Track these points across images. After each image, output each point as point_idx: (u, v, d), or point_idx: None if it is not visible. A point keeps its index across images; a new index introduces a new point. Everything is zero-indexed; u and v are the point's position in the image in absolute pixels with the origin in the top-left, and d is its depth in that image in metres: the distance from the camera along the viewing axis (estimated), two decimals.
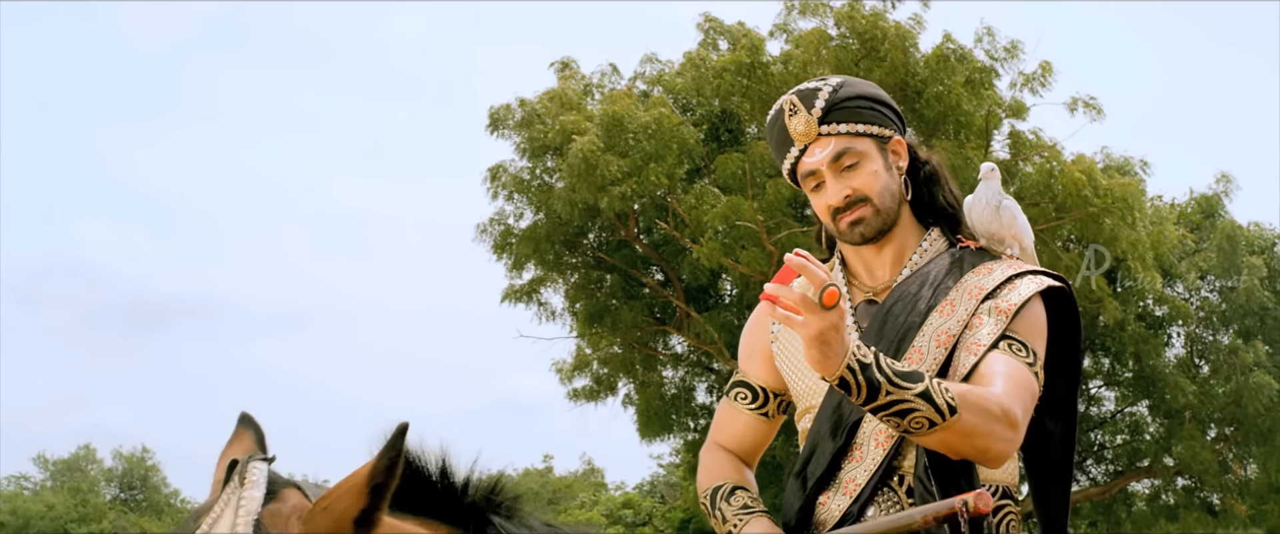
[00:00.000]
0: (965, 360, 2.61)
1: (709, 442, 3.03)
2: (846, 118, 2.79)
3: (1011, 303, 2.67)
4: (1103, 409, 24.42)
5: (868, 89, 2.85)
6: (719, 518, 2.85)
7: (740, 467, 2.96)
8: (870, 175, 2.79)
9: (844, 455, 2.71)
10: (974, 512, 2.31)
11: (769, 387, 2.97)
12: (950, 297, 2.72)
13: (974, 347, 2.62)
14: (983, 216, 2.90)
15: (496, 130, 20.48)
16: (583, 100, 20.29)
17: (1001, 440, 2.49)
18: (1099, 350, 22.97)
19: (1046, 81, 19.39)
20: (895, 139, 2.85)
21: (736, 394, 3.00)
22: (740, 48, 19.50)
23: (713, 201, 19.06)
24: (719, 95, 19.74)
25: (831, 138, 2.78)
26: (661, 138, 18.97)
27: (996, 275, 2.73)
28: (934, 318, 2.70)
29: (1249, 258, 21.97)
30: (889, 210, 2.81)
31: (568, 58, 21.21)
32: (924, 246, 2.85)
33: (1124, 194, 18.74)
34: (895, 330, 2.71)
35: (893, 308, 2.75)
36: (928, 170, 2.89)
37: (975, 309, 2.68)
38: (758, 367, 2.98)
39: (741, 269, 19.11)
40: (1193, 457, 21.38)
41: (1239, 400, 21.14)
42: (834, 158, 2.77)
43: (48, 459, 46.77)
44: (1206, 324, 22.81)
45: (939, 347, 2.66)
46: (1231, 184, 22.88)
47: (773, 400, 2.98)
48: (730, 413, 3.00)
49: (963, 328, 2.67)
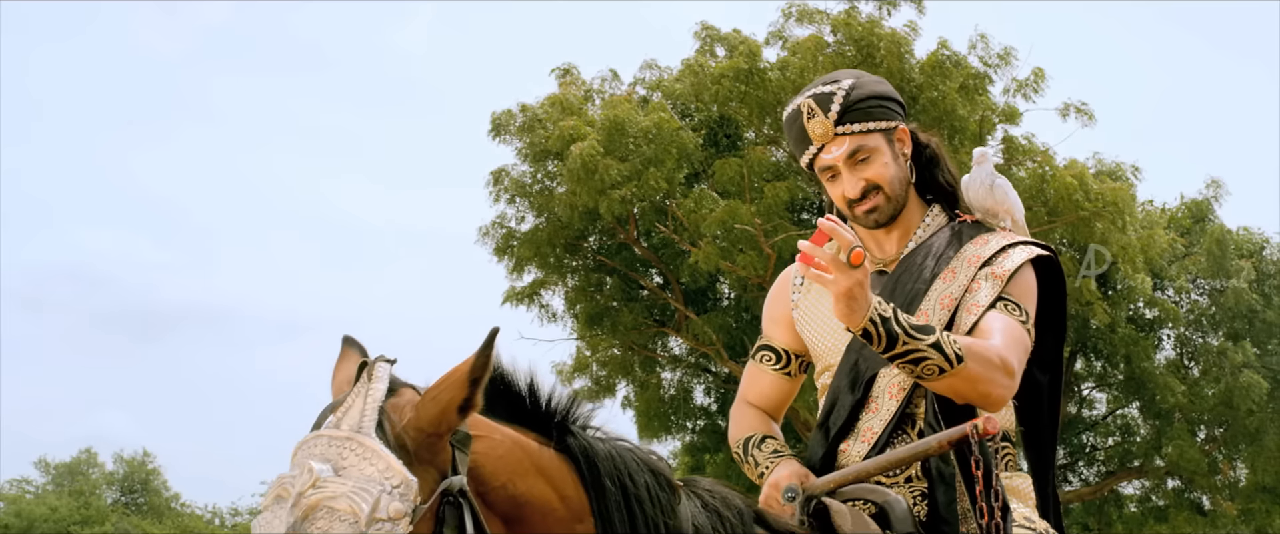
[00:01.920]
0: (966, 320, 2.98)
1: (738, 400, 3.41)
2: (859, 118, 3.15)
3: (1006, 268, 3.05)
4: (1094, 411, 24.78)
5: (876, 88, 3.21)
6: (752, 463, 3.21)
7: (768, 420, 3.35)
8: (882, 167, 3.16)
9: (862, 407, 3.08)
10: (983, 433, 2.72)
11: (791, 349, 3.34)
12: (952, 265, 3.10)
13: (973, 308, 3.00)
14: (978, 194, 3.28)
15: (498, 135, 20.81)
16: (583, 106, 20.60)
17: (1000, 386, 2.87)
18: (1091, 353, 23.32)
19: (1039, 87, 19.73)
20: (900, 129, 3.22)
21: (762, 356, 3.37)
22: (738, 55, 19.79)
23: (711, 205, 19.38)
24: (717, 101, 20.03)
25: (846, 137, 3.15)
26: (661, 142, 19.30)
27: (992, 245, 3.11)
28: (938, 284, 3.08)
29: (1238, 261, 22.32)
30: (899, 196, 3.19)
31: (569, 64, 21.53)
32: (927, 222, 3.23)
33: (1115, 198, 19.08)
34: (904, 296, 3.08)
35: (901, 277, 3.13)
36: (929, 153, 3.27)
37: (974, 275, 3.05)
38: (780, 331, 3.36)
39: (739, 272, 19.43)
40: (1182, 457, 21.71)
41: (1229, 401, 21.49)
42: (849, 154, 3.14)
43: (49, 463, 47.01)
44: (1196, 327, 23.18)
45: (943, 309, 3.04)
46: (1221, 189, 23.23)
47: (794, 361, 3.35)
48: (756, 373, 3.39)
49: (963, 292, 3.04)
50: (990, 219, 3.27)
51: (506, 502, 2.23)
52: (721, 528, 2.52)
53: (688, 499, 2.52)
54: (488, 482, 2.21)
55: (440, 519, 2.10)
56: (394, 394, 2.19)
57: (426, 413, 2.15)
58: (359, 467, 2.07)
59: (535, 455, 2.32)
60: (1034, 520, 3.07)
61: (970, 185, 3.31)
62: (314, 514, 2.03)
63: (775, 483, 3.05)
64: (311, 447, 2.13)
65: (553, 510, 2.28)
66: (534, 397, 2.38)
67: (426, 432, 2.14)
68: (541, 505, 2.27)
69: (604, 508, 2.33)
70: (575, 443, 2.37)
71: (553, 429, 2.38)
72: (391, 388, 2.19)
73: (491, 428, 2.28)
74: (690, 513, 2.49)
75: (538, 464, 2.31)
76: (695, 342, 21.45)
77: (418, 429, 2.14)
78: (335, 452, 2.10)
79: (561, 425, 2.38)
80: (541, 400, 2.38)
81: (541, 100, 20.65)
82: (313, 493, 2.04)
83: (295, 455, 2.15)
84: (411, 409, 2.17)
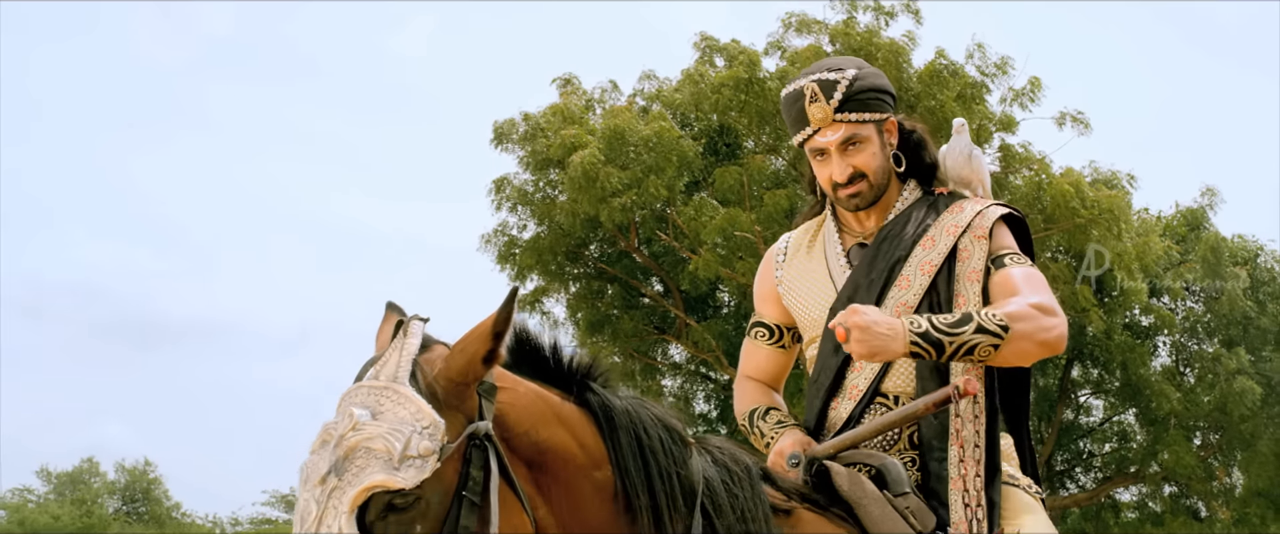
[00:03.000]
0: (971, 288, 3.20)
1: (739, 376, 3.63)
2: (857, 108, 3.35)
3: (985, 227, 3.28)
4: (1091, 418, 24.98)
5: (875, 81, 3.41)
6: (758, 434, 3.42)
7: (769, 392, 3.57)
8: (870, 156, 3.37)
9: (846, 367, 3.28)
10: (964, 392, 2.93)
11: (781, 323, 3.56)
12: (931, 233, 3.31)
13: (973, 275, 3.22)
14: (957, 163, 3.52)
15: (500, 144, 21.02)
16: (585, 115, 20.82)
17: (1052, 329, 3.09)
18: (1087, 360, 23.52)
19: (1035, 96, 19.97)
20: (889, 121, 3.43)
21: (756, 333, 3.60)
22: (737, 64, 20.01)
23: (711, 213, 19.59)
24: (717, 110, 20.24)
25: (843, 124, 3.34)
26: (661, 150, 19.51)
27: (968, 212, 3.33)
28: (918, 251, 3.29)
29: (1232, 268, 22.54)
30: (881, 184, 3.40)
31: (569, 74, 21.75)
32: (904, 196, 3.44)
33: (1110, 206, 19.32)
34: (885, 263, 3.29)
35: (882, 246, 3.34)
36: (915, 138, 3.48)
37: (954, 243, 3.26)
38: (770, 307, 3.57)
39: (739, 279, 19.62)
40: (1178, 463, 21.91)
41: (1224, 408, 21.70)
42: (843, 141, 3.35)
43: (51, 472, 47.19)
44: (1191, 333, 23.39)
45: (923, 274, 3.25)
46: (1216, 197, 23.45)
47: (786, 334, 3.56)
48: (753, 349, 3.60)
49: (944, 258, 3.25)
50: (963, 187, 3.50)
51: (530, 447, 2.43)
52: (730, 481, 2.70)
53: (699, 455, 2.71)
54: (512, 429, 2.41)
55: (467, 460, 2.30)
56: (426, 349, 2.40)
57: (454, 364, 2.37)
58: (394, 411, 2.29)
59: (556, 407, 2.52)
60: (1017, 476, 3.29)
61: (949, 153, 3.53)
62: (353, 454, 2.25)
63: (780, 451, 3.25)
64: (353, 396, 2.35)
65: (573, 457, 2.48)
66: (556, 356, 2.60)
67: (454, 381, 2.35)
68: (562, 452, 2.47)
69: (620, 457, 2.53)
70: (594, 398, 2.58)
71: (573, 385, 2.59)
72: (424, 344, 2.41)
73: (516, 382, 2.49)
74: (701, 466, 2.68)
75: (559, 415, 2.51)
76: (695, 349, 21.64)
77: (447, 378, 2.35)
78: (373, 399, 2.31)
79: (581, 382, 2.59)
80: (563, 360, 2.60)
81: (543, 109, 20.87)
82: (352, 435, 2.26)
83: (340, 405, 2.35)
84: (441, 361, 2.38)
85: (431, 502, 2.26)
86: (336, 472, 2.24)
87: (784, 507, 2.84)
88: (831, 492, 3.03)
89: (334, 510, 2.22)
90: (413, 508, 2.25)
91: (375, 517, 2.23)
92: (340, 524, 2.21)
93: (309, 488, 2.27)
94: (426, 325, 2.43)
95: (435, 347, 2.43)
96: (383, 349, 2.43)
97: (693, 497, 2.61)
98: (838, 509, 2.98)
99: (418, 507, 2.25)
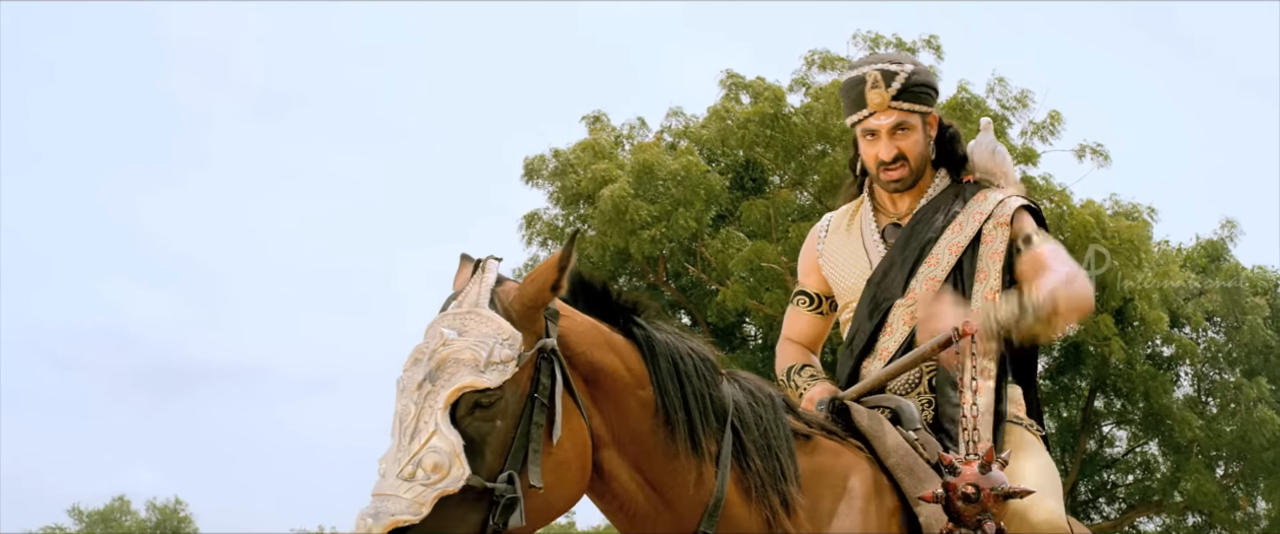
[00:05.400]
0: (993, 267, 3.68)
1: (781, 339, 4.11)
2: (910, 99, 3.82)
3: (1006, 215, 3.75)
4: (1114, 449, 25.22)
5: (928, 78, 3.88)
6: (793, 387, 3.88)
7: (806, 352, 4.04)
8: (914, 143, 3.83)
9: (879, 330, 3.75)
10: (963, 333, 3.34)
11: (821, 292, 4.04)
12: (959, 218, 3.78)
13: (995, 255, 3.70)
14: (982, 156, 4.00)
15: (531, 180, 21.49)
16: (614, 150, 21.27)
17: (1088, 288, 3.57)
18: (1110, 392, 23.80)
19: (1055, 129, 20.35)
20: (932, 116, 3.90)
21: (798, 300, 4.09)
22: (763, 100, 20.44)
23: (738, 246, 20.01)
24: (743, 145, 20.65)
25: (896, 112, 3.80)
26: (689, 184, 19.92)
27: (991, 200, 3.80)
28: (947, 234, 3.76)
29: (1253, 299, 22.84)
30: (919, 170, 3.87)
31: (598, 111, 22.21)
32: (935, 183, 3.90)
33: (1130, 236, 19.65)
34: (918, 243, 3.76)
35: (915, 227, 3.81)
36: (950, 133, 3.96)
37: (980, 226, 3.73)
38: (811, 278, 4.06)
39: (766, 310, 19.98)
40: (1200, 492, 22.15)
41: (1245, 436, 21.96)
42: (893, 126, 3.81)
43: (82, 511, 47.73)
44: (1213, 363, 23.67)
45: (950, 254, 3.72)
46: (1236, 229, 23.79)
47: (825, 302, 4.05)
48: (794, 315, 4.10)
49: (970, 241, 3.72)
50: (989, 178, 3.96)
51: (586, 366, 2.88)
52: (756, 404, 3.15)
53: (729, 383, 3.15)
54: (572, 348, 2.86)
55: (537, 369, 2.77)
56: (500, 283, 2.86)
57: (527, 290, 2.83)
58: (478, 328, 2.75)
59: (607, 335, 2.98)
60: (1021, 417, 3.74)
61: (976, 148, 4.02)
62: (445, 364, 2.71)
63: (811, 398, 3.71)
64: (441, 320, 2.81)
65: (621, 378, 2.94)
66: (608, 295, 3.05)
67: (527, 305, 2.81)
68: (612, 372, 2.93)
69: (660, 379, 2.98)
70: (638, 330, 3.03)
71: (621, 319, 3.04)
72: (499, 278, 2.87)
73: (574, 312, 2.95)
74: (731, 392, 3.13)
75: (609, 342, 2.97)
76: None
77: (520, 303, 2.81)
78: (459, 322, 2.78)
79: (628, 317, 3.05)
80: (613, 298, 3.05)
81: (573, 145, 21.32)
82: (443, 350, 2.72)
83: (427, 332, 2.80)
84: (515, 289, 2.85)
85: (509, 401, 2.72)
86: (431, 379, 2.69)
87: (804, 432, 3.27)
88: (851, 427, 3.46)
89: (430, 409, 2.67)
90: (494, 406, 2.70)
91: (464, 413, 2.69)
92: (436, 420, 2.66)
93: (406, 395, 2.72)
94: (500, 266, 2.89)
95: (507, 282, 2.88)
96: (460, 287, 2.89)
97: (724, 415, 3.06)
98: (855, 441, 3.40)
99: (498, 405, 2.70)
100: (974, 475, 3.14)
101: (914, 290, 3.71)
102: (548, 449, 2.74)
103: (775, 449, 3.11)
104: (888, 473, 3.34)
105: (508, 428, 2.71)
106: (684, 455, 2.97)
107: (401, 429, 2.69)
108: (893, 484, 3.33)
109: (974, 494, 3.12)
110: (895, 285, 3.74)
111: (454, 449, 2.64)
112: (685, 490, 2.98)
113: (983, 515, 3.12)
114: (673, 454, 2.96)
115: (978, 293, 3.68)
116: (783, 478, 3.09)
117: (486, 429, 2.69)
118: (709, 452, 3.01)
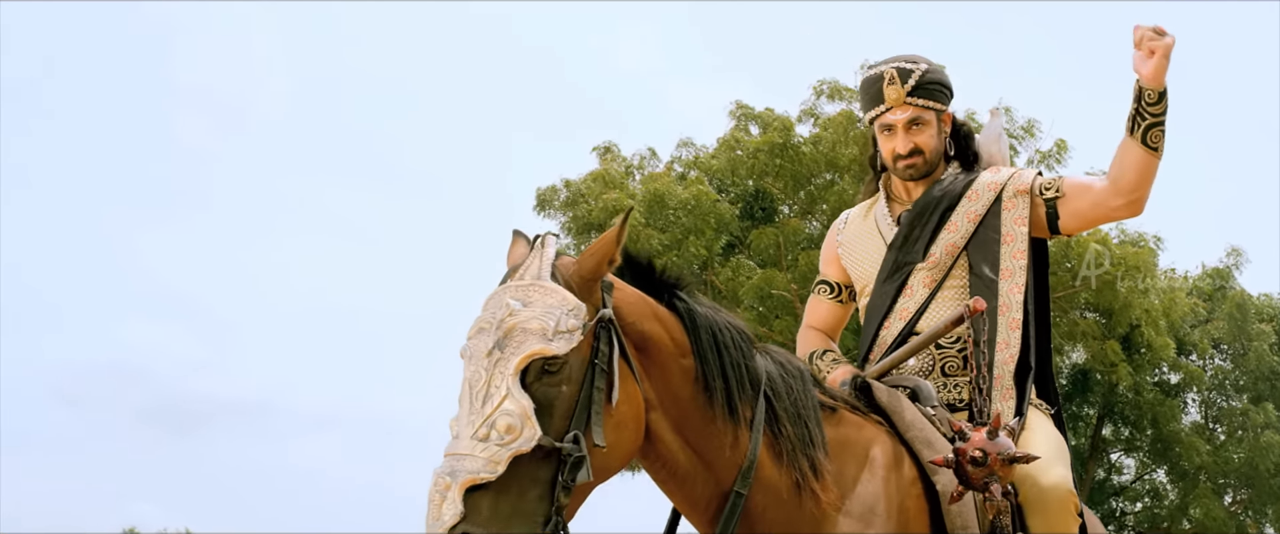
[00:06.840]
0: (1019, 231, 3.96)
1: (802, 327, 4.39)
2: (925, 95, 4.11)
3: (1025, 183, 4.04)
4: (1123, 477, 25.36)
5: (942, 77, 4.16)
6: (816, 370, 4.12)
7: (827, 339, 4.34)
8: (929, 137, 4.11)
9: (899, 293, 4.03)
10: (973, 311, 3.66)
11: (841, 282, 4.34)
12: (975, 188, 4.06)
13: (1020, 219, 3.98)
14: (989, 139, 4.33)
15: (543, 210, 21.73)
16: (625, 180, 21.52)
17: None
18: (1118, 420, 23.98)
19: (1062, 158, 20.56)
20: (946, 113, 4.17)
21: (820, 289, 4.38)
22: (772, 130, 20.69)
23: (748, 274, 20.25)
24: (753, 175, 20.90)
25: (912, 107, 4.09)
26: (700, 213, 20.15)
27: (1003, 174, 4.10)
28: (964, 202, 4.04)
29: (1259, 325, 23.05)
30: (934, 163, 4.14)
31: (609, 142, 22.45)
32: (948, 171, 4.17)
33: (1137, 263, 19.86)
34: (936, 206, 4.03)
35: (933, 193, 4.08)
36: (964, 131, 4.24)
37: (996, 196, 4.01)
38: (831, 268, 4.35)
39: (776, 338, 20.19)
40: (1208, 517, 22.29)
41: (1252, 462, 22.13)
42: (909, 121, 4.09)
43: None
44: (1220, 390, 23.86)
45: (969, 221, 4.01)
46: (1242, 257, 24.04)
47: (845, 291, 4.34)
48: (815, 303, 4.39)
49: (986, 208, 3.99)
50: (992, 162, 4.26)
51: (637, 335, 3.16)
52: (786, 375, 3.43)
53: (762, 356, 3.43)
54: (624, 318, 3.14)
55: (597, 337, 3.04)
56: (558, 257, 3.13)
57: (586, 264, 3.11)
58: (543, 299, 3.01)
59: (654, 308, 3.26)
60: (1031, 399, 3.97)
61: (984, 134, 4.34)
62: (513, 333, 2.97)
63: (834, 380, 3.97)
64: (504, 292, 3.07)
65: (666, 347, 3.22)
66: (652, 270, 3.34)
67: (585, 277, 3.09)
68: (658, 341, 3.21)
69: (701, 348, 3.27)
70: (681, 304, 3.32)
71: (665, 293, 3.32)
72: (558, 252, 3.13)
73: (624, 286, 3.23)
74: (764, 363, 3.41)
75: (656, 314, 3.25)
76: None
77: (580, 275, 3.09)
78: (522, 293, 3.04)
79: (671, 291, 3.34)
80: (657, 273, 3.34)
81: (584, 176, 21.56)
82: (510, 319, 2.98)
83: (488, 303, 3.06)
84: (574, 263, 3.12)
85: (573, 368, 2.99)
86: (500, 347, 2.96)
87: (830, 405, 3.55)
88: (872, 403, 3.73)
89: (500, 374, 2.94)
90: (560, 372, 2.97)
91: (533, 378, 2.95)
92: (507, 384, 2.92)
93: (475, 362, 2.98)
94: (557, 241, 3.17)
95: (563, 256, 3.15)
96: (516, 262, 3.16)
97: (757, 384, 3.34)
98: (876, 416, 3.67)
99: (564, 371, 2.97)
100: (982, 441, 3.40)
101: (934, 254, 3.99)
102: (608, 411, 3.01)
103: (804, 417, 3.39)
104: (907, 445, 3.61)
105: (572, 392, 2.97)
106: (721, 420, 3.25)
107: (472, 394, 2.95)
108: (912, 455, 3.59)
109: (981, 458, 3.38)
110: (917, 249, 4.01)
111: (525, 412, 2.90)
112: (722, 452, 3.25)
113: (990, 478, 3.38)
114: (711, 418, 3.24)
115: (1005, 254, 3.96)
116: (811, 444, 3.36)
117: (553, 393, 2.95)
118: (744, 417, 3.29)
